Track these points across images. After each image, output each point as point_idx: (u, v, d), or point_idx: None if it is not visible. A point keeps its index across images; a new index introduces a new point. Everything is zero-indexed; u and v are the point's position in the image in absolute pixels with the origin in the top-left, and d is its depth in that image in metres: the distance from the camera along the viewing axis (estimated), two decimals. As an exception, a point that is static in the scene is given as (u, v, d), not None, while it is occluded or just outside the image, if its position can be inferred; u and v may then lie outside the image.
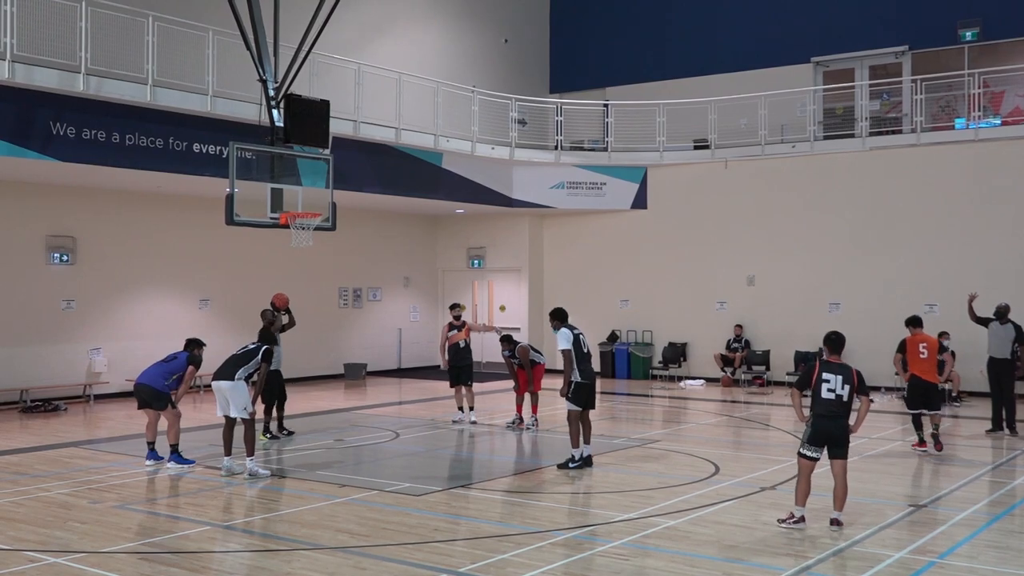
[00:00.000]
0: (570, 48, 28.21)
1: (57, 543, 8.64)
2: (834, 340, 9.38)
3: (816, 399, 9.06)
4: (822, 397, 9.04)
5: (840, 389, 9.03)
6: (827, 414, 9.01)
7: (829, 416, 9.01)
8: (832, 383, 9.04)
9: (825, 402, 9.02)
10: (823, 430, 9.04)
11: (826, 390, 9.03)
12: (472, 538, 8.80)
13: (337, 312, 24.37)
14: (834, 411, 9.00)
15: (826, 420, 9.01)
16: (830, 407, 9.01)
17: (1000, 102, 21.77)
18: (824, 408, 9.01)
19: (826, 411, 9.01)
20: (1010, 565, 8.01)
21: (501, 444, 14.72)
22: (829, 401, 9.02)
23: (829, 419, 9.01)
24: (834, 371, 9.12)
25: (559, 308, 12.76)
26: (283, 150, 14.80)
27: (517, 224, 25.73)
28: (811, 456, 9.05)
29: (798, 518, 9.06)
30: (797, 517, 9.07)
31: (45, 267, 18.64)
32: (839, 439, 9.08)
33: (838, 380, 9.06)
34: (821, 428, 9.04)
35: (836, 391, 9.03)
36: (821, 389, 9.05)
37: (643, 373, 24.23)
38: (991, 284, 18.97)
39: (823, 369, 9.11)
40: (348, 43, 21.31)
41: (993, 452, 13.89)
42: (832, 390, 9.03)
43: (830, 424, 9.02)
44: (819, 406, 9.03)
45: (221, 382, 11.67)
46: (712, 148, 23.49)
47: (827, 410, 9.01)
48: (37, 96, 15.01)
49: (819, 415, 9.03)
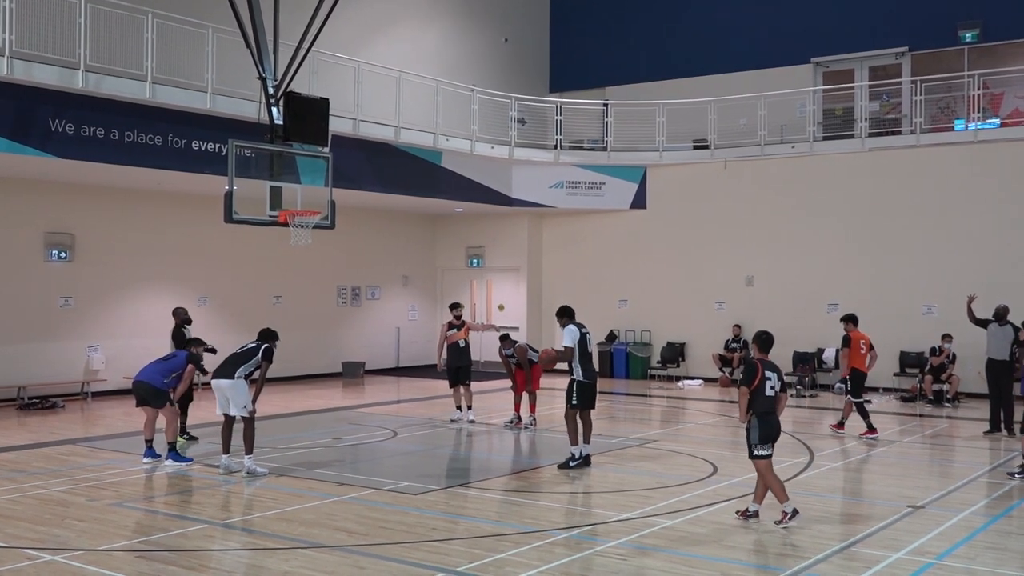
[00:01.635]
0: (570, 47, 28.20)
1: (55, 541, 8.63)
2: (766, 339, 9.56)
3: (759, 398, 9.24)
4: (765, 395, 9.26)
5: (776, 386, 9.30)
6: (770, 411, 9.28)
7: (771, 412, 9.29)
8: (772, 381, 9.29)
9: (768, 400, 9.27)
10: (773, 426, 9.29)
11: (768, 388, 9.27)
12: (470, 537, 8.79)
13: (336, 311, 24.36)
14: (772, 407, 9.29)
15: (771, 416, 9.28)
16: (770, 404, 9.29)
17: (1000, 104, 21.79)
18: (768, 406, 9.27)
19: (769, 408, 9.28)
20: (1008, 566, 8.01)
21: (499, 443, 14.72)
22: (770, 399, 9.28)
23: (772, 415, 9.29)
24: (772, 369, 9.35)
25: (567, 306, 12.75)
26: (282, 148, 14.77)
27: (516, 223, 25.72)
28: (767, 455, 9.26)
29: (791, 513, 9.15)
30: (790, 513, 9.16)
31: (43, 264, 18.63)
32: (778, 434, 9.38)
33: (774, 377, 9.31)
34: (770, 425, 9.27)
35: (776, 389, 9.30)
36: (764, 387, 9.25)
37: (641, 373, 24.24)
38: (990, 285, 18.95)
39: (765, 368, 9.29)
40: (348, 41, 21.28)
41: (991, 453, 13.89)
42: (773, 388, 9.29)
43: (774, 420, 9.30)
44: (762, 404, 9.25)
45: (221, 380, 11.65)
46: (711, 148, 23.49)
47: (769, 407, 9.28)
48: (36, 93, 15.00)
49: (765, 413, 9.26)
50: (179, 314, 14.30)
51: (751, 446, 9.28)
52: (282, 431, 15.10)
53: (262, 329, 12.19)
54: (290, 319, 21.64)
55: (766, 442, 9.21)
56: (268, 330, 12.15)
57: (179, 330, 14.03)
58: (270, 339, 12.03)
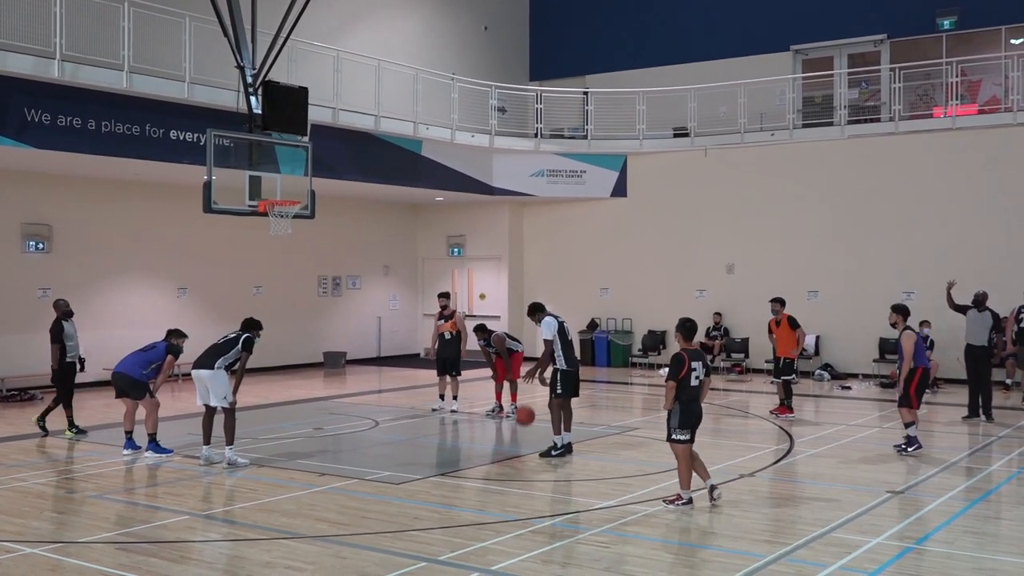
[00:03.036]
0: (550, 35, 28.15)
1: (34, 533, 8.58)
2: (690, 327, 9.69)
3: (685, 387, 9.40)
4: (691, 385, 9.42)
5: (701, 374, 9.46)
6: (694, 398, 9.46)
7: (695, 400, 9.47)
8: (698, 371, 9.45)
9: (692, 388, 9.44)
10: (694, 413, 9.45)
11: (694, 378, 9.43)
12: (452, 526, 8.80)
13: (316, 300, 24.29)
14: (696, 395, 9.48)
15: (694, 404, 9.46)
16: (695, 393, 9.47)
17: (978, 90, 21.89)
18: (692, 394, 9.44)
19: (693, 396, 9.45)
20: (986, 550, 8.08)
21: (481, 432, 14.72)
22: (695, 387, 9.46)
23: (695, 402, 9.47)
24: (697, 358, 9.50)
25: (536, 302, 12.89)
26: (261, 137, 14.70)
27: (497, 212, 25.69)
28: (685, 440, 9.41)
29: (687, 500, 9.38)
30: (685, 499, 9.38)
31: (20, 255, 18.47)
32: (699, 420, 9.55)
33: (700, 366, 9.47)
34: (692, 412, 9.43)
35: (700, 377, 9.47)
36: (690, 378, 9.41)
37: (623, 361, 24.29)
38: (969, 271, 19.10)
39: (691, 358, 9.42)
40: (327, 30, 21.16)
41: (970, 439, 14.00)
42: (698, 377, 9.46)
43: (696, 407, 9.48)
44: (687, 392, 9.41)
45: (201, 371, 11.60)
46: (692, 136, 23.51)
47: (694, 395, 9.46)
48: (11, 82, 14.84)
49: (689, 400, 9.42)
50: (60, 306, 14.00)
51: (670, 430, 9.46)
52: (263, 421, 15.06)
53: (245, 319, 12.11)
54: (271, 309, 21.53)
55: (685, 428, 9.39)
56: (251, 320, 12.08)
57: (58, 324, 13.76)
58: (252, 329, 11.97)
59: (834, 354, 21.90)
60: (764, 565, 7.57)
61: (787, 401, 15.67)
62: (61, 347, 13.70)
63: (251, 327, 11.98)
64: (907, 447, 12.35)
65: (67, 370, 13.82)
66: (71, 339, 13.88)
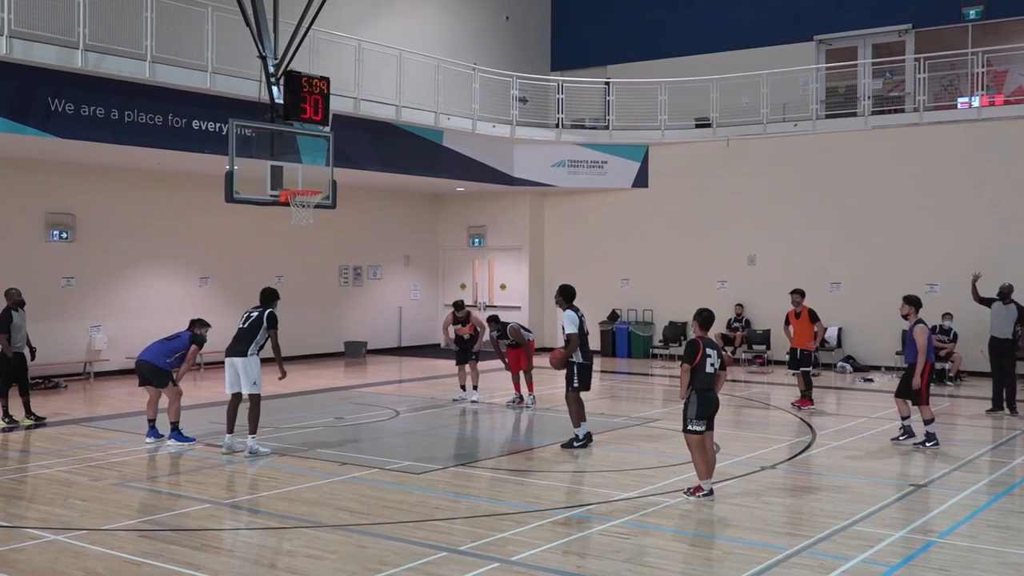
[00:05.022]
0: (571, 26, 28.06)
1: (58, 521, 8.65)
2: (707, 317, 9.64)
3: (699, 375, 9.36)
4: (706, 372, 9.37)
5: (716, 362, 9.42)
6: (709, 387, 9.41)
7: (710, 389, 9.41)
8: (713, 359, 9.41)
9: (708, 377, 9.39)
10: (711, 402, 9.40)
11: (708, 364, 9.38)
12: (472, 516, 8.81)
13: (337, 290, 24.35)
14: (711, 383, 9.42)
15: (710, 393, 9.41)
16: (710, 381, 9.41)
17: (1003, 81, 21.66)
18: (707, 382, 9.40)
19: (708, 385, 9.40)
20: (1010, 544, 8.02)
21: (501, 423, 14.73)
22: (710, 376, 9.40)
23: (711, 391, 9.42)
24: (712, 347, 9.47)
25: (569, 286, 12.48)
26: (283, 127, 14.71)
27: (518, 203, 25.67)
28: (701, 430, 9.37)
29: (707, 491, 9.34)
30: (707, 490, 9.35)
31: (45, 244, 18.60)
32: (715, 411, 9.49)
33: (715, 354, 9.43)
34: (708, 401, 9.38)
35: (715, 365, 9.41)
36: (705, 365, 9.36)
37: (643, 352, 24.24)
38: (994, 264, 18.93)
39: (706, 346, 9.38)
40: (348, 20, 21.18)
41: (993, 432, 13.90)
42: (713, 365, 9.40)
43: (712, 396, 9.43)
44: (703, 381, 9.37)
45: (235, 359, 11.66)
46: (713, 127, 23.40)
47: (709, 384, 9.41)
48: (36, 72, 14.92)
49: (704, 389, 9.38)
50: (11, 295, 13.93)
51: (686, 420, 9.42)
52: (284, 411, 15.13)
53: (263, 289, 12.12)
54: (292, 299, 21.57)
55: (702, 418, 9.35)
56: (269, 290, 12.09)
57: (7, 313, 13.70)
58: (271, 300, 11.99)
59: (856, 346, 21.78)
60: (786, 558, 7.54)
61: (807, 392, 15.60)
62: (8, 337, 13.66)
63: (270, 299, 11.99)
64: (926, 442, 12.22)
65: (14, 360, 13.77)
66: (19, 330, 13.88)
